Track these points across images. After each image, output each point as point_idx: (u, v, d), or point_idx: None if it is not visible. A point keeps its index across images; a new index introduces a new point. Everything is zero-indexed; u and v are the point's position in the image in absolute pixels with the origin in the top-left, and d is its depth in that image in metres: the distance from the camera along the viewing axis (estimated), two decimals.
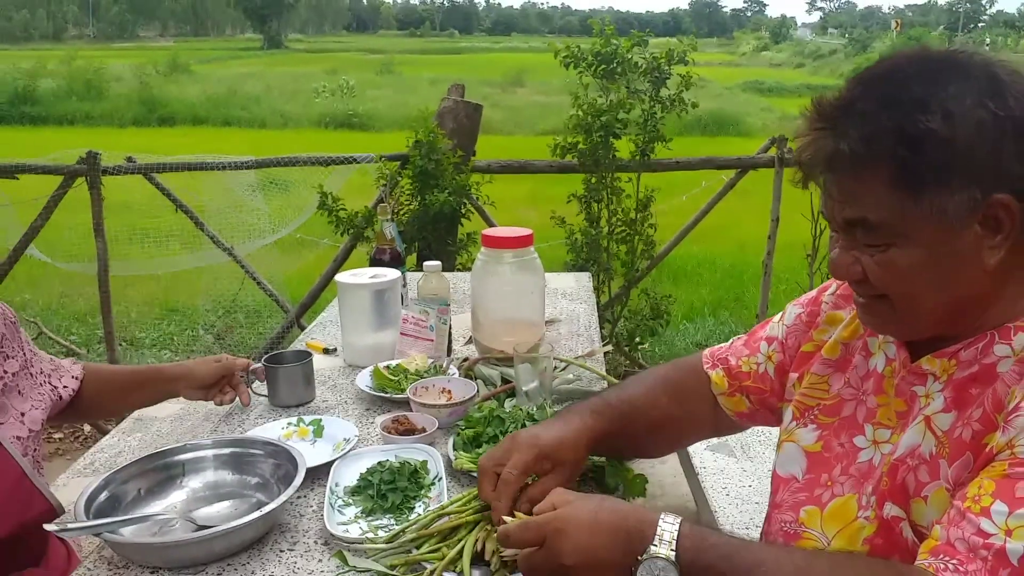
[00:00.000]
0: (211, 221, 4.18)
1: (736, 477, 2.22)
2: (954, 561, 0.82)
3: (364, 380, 1.75)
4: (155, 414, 2.56)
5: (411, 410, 1.60)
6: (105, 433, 2.84)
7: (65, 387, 1.53)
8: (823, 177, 0.96)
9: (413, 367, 1.76)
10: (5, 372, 1.39)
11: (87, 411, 1.66)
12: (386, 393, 1.70)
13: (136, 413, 2.60)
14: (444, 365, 1.82)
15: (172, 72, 23.78)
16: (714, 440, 2.29)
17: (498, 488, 1.10)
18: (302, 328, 4.12)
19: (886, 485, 0.98)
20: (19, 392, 1.41)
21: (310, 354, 1.78)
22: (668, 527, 0.89)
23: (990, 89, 0.89)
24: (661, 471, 3.22)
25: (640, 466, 1.48)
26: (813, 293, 1.27)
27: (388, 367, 1.77)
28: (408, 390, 1.63)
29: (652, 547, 0.88)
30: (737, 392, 1.29)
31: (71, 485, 2.12)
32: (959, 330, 0.98)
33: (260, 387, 1.73)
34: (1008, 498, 0.82)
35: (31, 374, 1.47)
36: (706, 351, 1.36)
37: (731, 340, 1.36)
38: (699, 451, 2.33)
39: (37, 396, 1.45)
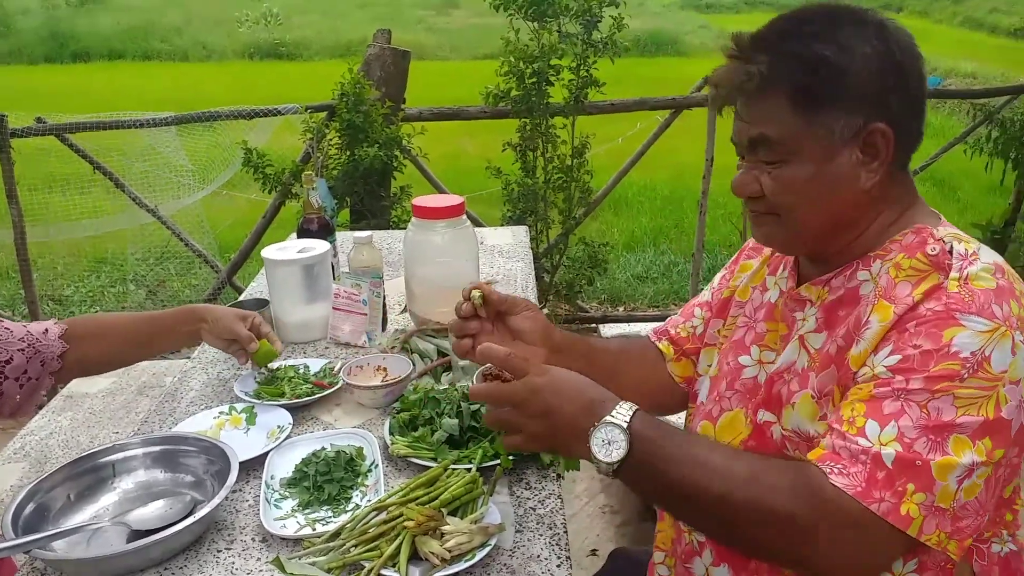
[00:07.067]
0: (133, 177, 4.00)
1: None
2: (839, 465, 0.96)
3: (246, 385, 1.63)
4: (86, 390, 2.50)
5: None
6: (41, 406, 2.77)
7: (43, 363, 1.49)
8: (737, 102, 1.10)
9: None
10: None
11: (93, 368, 1.62)
12: (260, 400, 1.57)
13: (65, 390, 2.53)
14: (376, 339, 1.81)
15: (83, 3, 22.30)
16: None
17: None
18: (237, 289, 4.01)
19: (762, 395, 1.15)
20: None
21: (267, 301, 1.87)
22: (626, 405, 1.03)
23: (878, 35, 1.04)
24: None
25: None
26: (735, 255, 1.42)
27: (278, 369, 1.67)
28: (341, 371, 1.62)
29: (609, 416, 1.01)
30: (682, 357, 1.42)
31: (1, 472, 2.07)
32: (835, 249, 1.11)
33: None
34: (877, 416, 0.96)
35: None
36: (649, 330, 1.50)
37: (667, 319, 1.49)
38: None
39: None
